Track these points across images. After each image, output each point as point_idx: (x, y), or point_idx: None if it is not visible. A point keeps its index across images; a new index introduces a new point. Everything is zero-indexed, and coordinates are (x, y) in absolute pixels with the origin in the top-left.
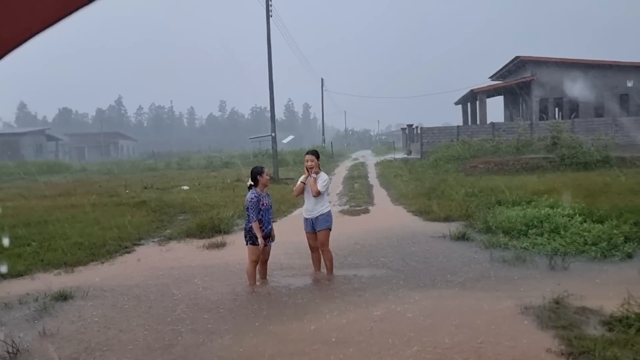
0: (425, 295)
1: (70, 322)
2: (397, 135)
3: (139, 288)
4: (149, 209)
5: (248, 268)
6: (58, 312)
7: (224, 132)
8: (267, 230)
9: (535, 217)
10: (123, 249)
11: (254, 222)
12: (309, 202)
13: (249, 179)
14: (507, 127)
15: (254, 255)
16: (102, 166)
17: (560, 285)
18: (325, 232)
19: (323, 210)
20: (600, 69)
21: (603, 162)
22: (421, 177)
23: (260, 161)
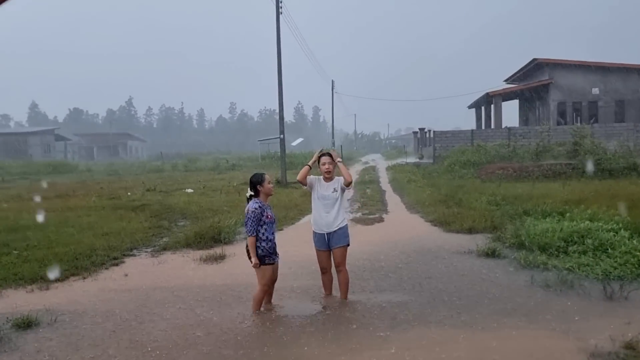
0: (457, 330)
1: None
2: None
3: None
4: (149, 213)
5: (257, 294)
6: (14, 345)
7: (233, 134)
8: (273, 246)
9: (575, 232)
10: (111, 261)
11: (250, 237)
12: (322, 212)
13: (248, 189)
14: (524, 131)
15: (265, 279)
16: (108, 167)
17: (630, 323)
18: (343, 250)
19: (341, 224)
20: (620, 72)
21: (629, 170)
22: (436, 182)
23: (269, 164)
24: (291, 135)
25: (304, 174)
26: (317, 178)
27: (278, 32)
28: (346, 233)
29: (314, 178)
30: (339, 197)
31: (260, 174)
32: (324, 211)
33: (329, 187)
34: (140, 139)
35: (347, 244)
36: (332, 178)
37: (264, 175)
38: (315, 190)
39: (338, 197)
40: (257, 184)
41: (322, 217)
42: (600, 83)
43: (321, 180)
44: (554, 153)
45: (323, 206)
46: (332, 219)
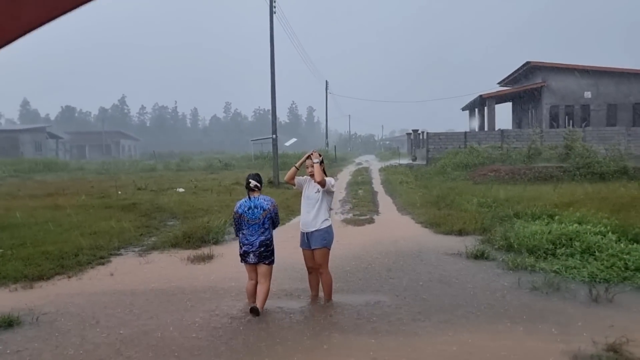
0: (444, 334)
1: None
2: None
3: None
4: (138, 212)
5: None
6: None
7: (227, 133)
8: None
9: (563, 234)
10: (97, 260)
11: None
12: (304, 211)
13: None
14: (517, 134)
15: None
16: (100, 165)
17: (614, 326)
18: (323, 252)
19: (321, 225)
20: (613, 77)
21: (620, 173)
22: (428, 184)
23: (262, 164)
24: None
25: (291, 175)
26: (308, 178)
27: (271, 32)
28: (325, 236)
29: (305, 178)
30: (320, 198)
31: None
32: (306, 210)
33: (315, 187)
34: (133, 138)
35: (326, 246)
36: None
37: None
38: (304, 190)
39: (319, 198)
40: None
41: (304, 216)
42: (593, 87)
43: (310, 181)
44: (546, 156)
45: (306, 205)
46: (311, 219)
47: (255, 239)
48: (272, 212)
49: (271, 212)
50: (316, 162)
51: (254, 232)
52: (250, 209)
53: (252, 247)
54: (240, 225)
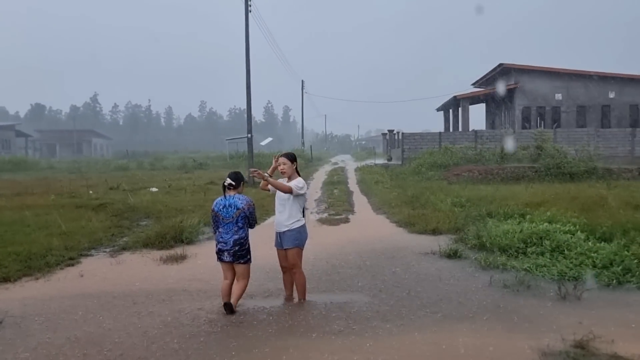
0: (417, 332)
1: None
2: (377, 140)
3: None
4: (110, 212)
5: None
6: None
7: (201, 132)
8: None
9: (534, 233)
10: (67, 261)
11: None
12: (278, 211)
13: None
14: (490, 134)
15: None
16: (71, 164)
17: (581, 323)
18: (295, 252)
19: (293, 225)
20: (583, 79)
21: (589, 173)
22: (403, 184)
23: (237, 163)
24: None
25: (264, 183)
26: (282, 179)
27: (247, 31)
28: (297, 236)
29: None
30: (291, 199)
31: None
32: (278, 211)
33: None
34: (106, 137)
35: (298, 246)
36: (291, 179)
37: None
38: (277, 191)
39: (291, 198)
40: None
41: (277, 216)
42: (563, 89)
43: (284, 181)
44: (518, 156)
45: (278, 206)
46: (283, 219)
47: (230, 238)
48: (247, 211)
49: (245, 212)
50: (267, 176)
51: (229, 231)
52: (225, 207)
53: (227, 245)
54: (217, 224)
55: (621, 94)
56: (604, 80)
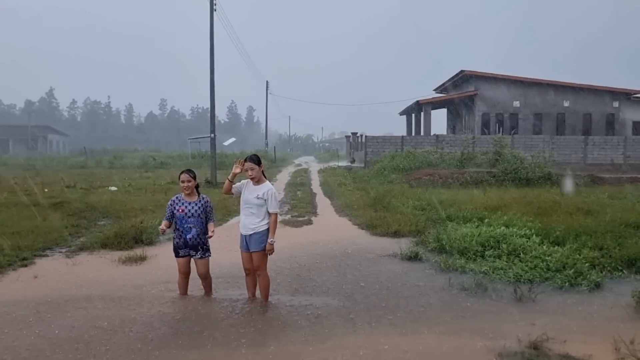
0: (376, 334)
1: None
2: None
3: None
4: (66, 211)
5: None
6: None
7: (163, 131)
8: (184, 241)
9: (491, 237)
10: (20, 261)
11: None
12: (242, 214)
13: None
14: (451, 139)
15: (178, 268)
16: (25, 161)
17: (535, 324)
18: (261, 254)
19: (259, 228)
20: (540, 88)
21: (544, 179)
22: (366, 186)
23: (199, 163)
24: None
25: (227, 187)
26: (246, 182)
27: (211, 30)
28: (263, 239)
29: (242, 183)
30: (259, 204)
31: (181, 172)
32: (244, 214)
33: (254, 191)
34: (62, 133)
35: (264, 250)
36: (259, 182)
37: (181, 173)
38: (243, 194)
39: (260, 204)
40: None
41: (243, 219)
42: (521, 97)
43: (249, 184)
44: (477, 161)
45: (245, 209)
46: (249, 222)
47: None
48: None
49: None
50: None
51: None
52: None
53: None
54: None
55: (575, 103)
56: (560, 90)
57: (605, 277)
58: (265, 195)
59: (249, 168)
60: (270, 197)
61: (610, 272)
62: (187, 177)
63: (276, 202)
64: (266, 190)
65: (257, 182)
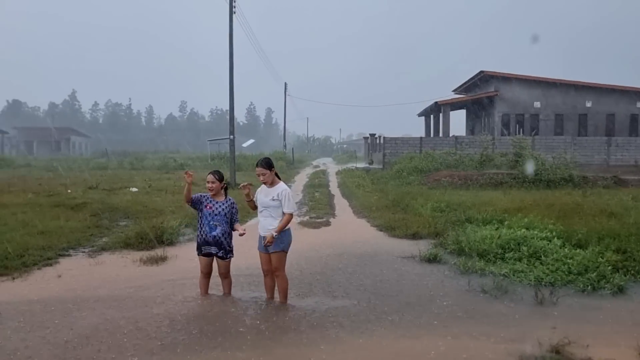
0: (397, 336)
1: None
2: (358, 144)
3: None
4: (89, 212)
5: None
6: None
7: (182, 133)
8: (209, 237)
9: (512, 239)
10: (44, 261)
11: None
12: (262, 216)
13: None
14: (470, 140)
15: (200, 267)
16: (49, 163)
17: (557, 328)
18: (279, 255)
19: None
20: (561, 88)
21: (566, 181)
22: (384, 188)
23: (219, 164)
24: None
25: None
26: (262, 187)
27: (231, 32)
28: (282, 239)
29: (259, 190)
30: (276, 205)
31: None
32: (262, 216)
33: (269, 193)
34: (85, 135)
35: (283, 250)
36: (273, 184)
37: (208, 174)
38: (258, 197)
39: (276, 205)
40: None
41: (261, 220)
42: (542, 97)
43: (264, 187)
44: (497, 162)
45: (261, 211)
46: (268, 223)
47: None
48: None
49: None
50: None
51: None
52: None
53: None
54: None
55: (598, 103)
56: (582, 90)
57: (628, 280)
58: (279, 196)
59: (260, 173)
60: (284, 197)
61: (633, 276)
62: (212, 178)
63: (292, 203)
64: (280, 191)
65: (271, 184)
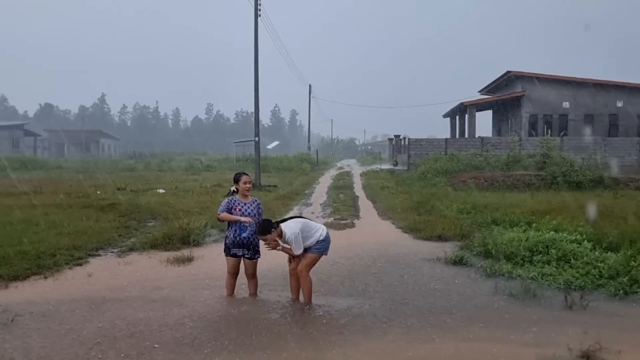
0: (422, 340)
1: None
2: (382, 145)
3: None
4: (118, 212)
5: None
6: None
7: (208, 135)
8: (239, 239)
9: (540, 242)
10: (75, 260)
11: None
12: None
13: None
14: (496, 142)
15: (227, 267)
16: (79, 164)
17: (587, 333)
18: (312, 256)
19: (320, 237)
20: (591, 88)
21: (596, 183)
22: (409, 189)
23: (243, 166)
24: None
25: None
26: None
27: (256, 36)
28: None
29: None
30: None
31: (239, 173)
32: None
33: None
34: (114, 137)
35: (320, 253)
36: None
37: (241, 175)
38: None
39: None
40: (235, 181)
41: None
42: (571, 97)
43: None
44: (524, 164)
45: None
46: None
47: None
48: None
49: None
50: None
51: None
52: None
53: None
54: None
55: (629, 103)
56: (612, 89)
57: None
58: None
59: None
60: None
61: None
62: (249, 179)
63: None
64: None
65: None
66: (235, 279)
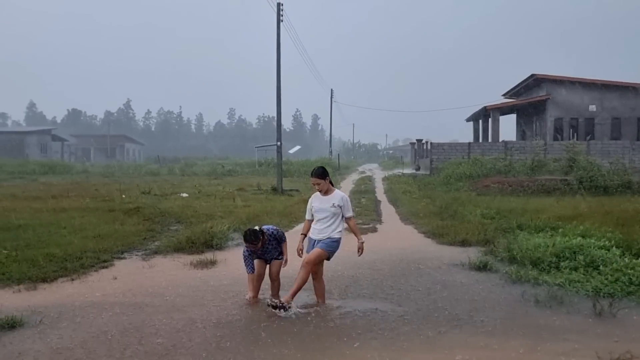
0: (444, 345)
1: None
2: (404, 149)
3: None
4: (142, 216)
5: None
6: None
7: (231, 139)
8: None
9: (567, 248)
10: (100, 263)
11: None
12: (318, 221)
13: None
14: (521, 146)
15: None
16: (105, 168)
17: (618, 341)
18: (321, 253)
19: (334, 235)
20: (618, 90)
21: (624, 187)
22: (431, 194)
23: (266, 170)
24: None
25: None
26: (315, 195)
27: (278, 40)
28: (333, 244)
29: (311, 199)
30: (335, 213)
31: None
32: (319, 222)
33: (326, 201)
34: (138, 142)
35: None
36: (328, 192)
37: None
38: (311, 204)
39: (335, 212)
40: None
41: (317, 225)
42: (597, 100)
43: (317, 194)
44: (549, 168)
45: (319, 218)
46: (324, 226)
47: None
48: None
49: None
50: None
51: None
52: None
53: None
54: None
55: None
56: None
57: None
58: (340, 201)
59: (315, 183)
60: (345, 202)
61: None
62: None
63: (350, 207)
64: (340, 198)
65: (327, 192)
66: (261, 281)
